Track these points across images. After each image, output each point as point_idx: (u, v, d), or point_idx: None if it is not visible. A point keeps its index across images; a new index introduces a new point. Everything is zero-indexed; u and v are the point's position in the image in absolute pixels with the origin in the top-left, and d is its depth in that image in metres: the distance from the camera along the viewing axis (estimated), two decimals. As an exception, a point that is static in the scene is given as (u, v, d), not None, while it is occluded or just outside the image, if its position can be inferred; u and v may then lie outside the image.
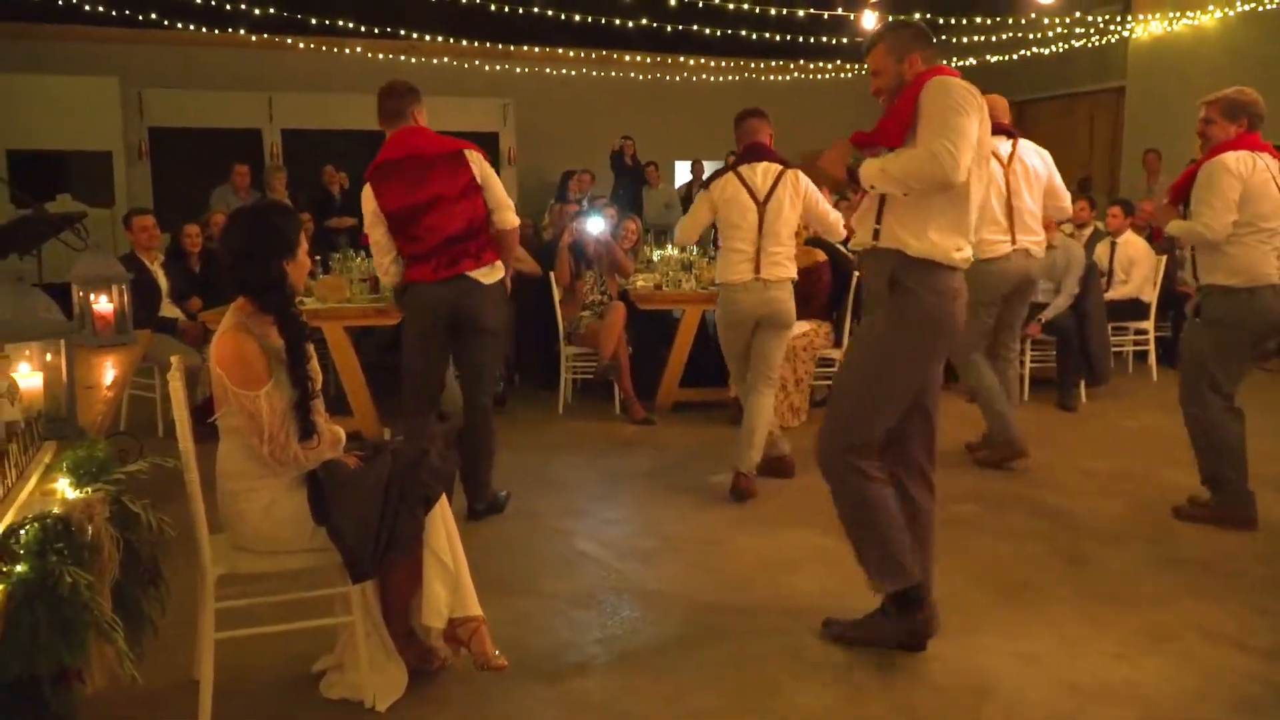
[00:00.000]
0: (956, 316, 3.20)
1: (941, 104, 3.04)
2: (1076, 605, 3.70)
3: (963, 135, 2.98)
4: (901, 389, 3.23)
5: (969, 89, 3.09)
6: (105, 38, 11.16)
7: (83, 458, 2.24)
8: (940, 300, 3.14)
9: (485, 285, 4.44)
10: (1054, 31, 12.20)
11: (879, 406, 3.23)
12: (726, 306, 4.99)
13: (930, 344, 3.21)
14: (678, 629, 3.51)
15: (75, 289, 4.24)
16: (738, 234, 4.86)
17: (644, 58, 12.90)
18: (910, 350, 3.19)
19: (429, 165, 4.35)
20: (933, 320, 3.16)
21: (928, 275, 3.13)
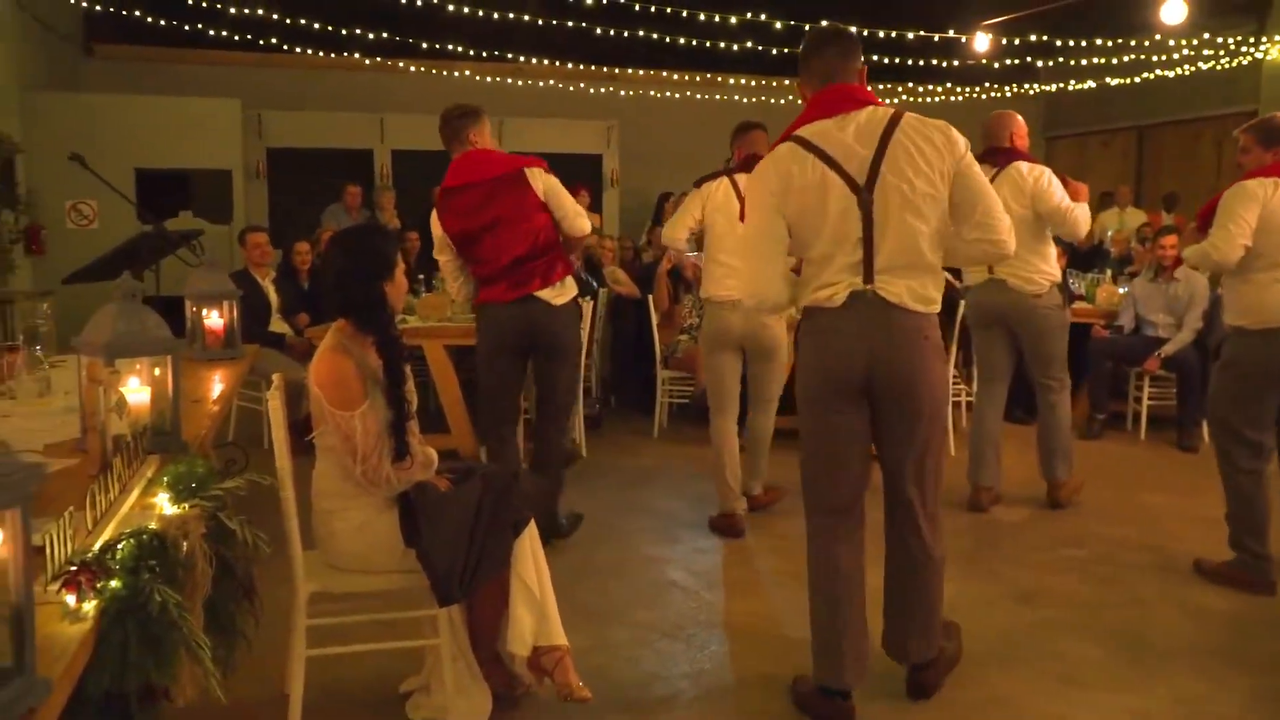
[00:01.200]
0: (827, 356, 2.92)
1: (748, 200, 3.04)
2: (1193, 661, 3.48)
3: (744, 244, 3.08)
4: (815, 432, 3.01)
5: (765, 172, 2.94)
6: (229, 61, 11.64)
7: (182, 473, 2.27)
8: (812, 340, 2.97)
9: (556, 307, 4.35)
10: (1180, 54, 11.73)
11: (811, 458, 3.06)
12: (710, 322, 4.72)
13: (811, 387, 2.99)
14: (767, 667, 3.42)
15: (188, 304, 4.37)
16: (723, 245, 4.60)
17: (749, 80, 12.85)
18: (804, 396, 3.02)
19: (489, 188, 4.28)
20: (805, 361, 3.00)
21: (804, 319, 3.01)
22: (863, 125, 2.86)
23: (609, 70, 12.53)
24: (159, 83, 11.35)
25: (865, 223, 2.83)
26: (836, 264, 2.87)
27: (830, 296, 2.88)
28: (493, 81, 12.25)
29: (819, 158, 2.85)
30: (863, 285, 2.85)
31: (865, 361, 2.88)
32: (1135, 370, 6.88)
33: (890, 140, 2.82)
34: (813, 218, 2.87)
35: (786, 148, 2.92)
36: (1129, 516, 5.11)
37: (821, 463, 3.03)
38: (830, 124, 2.88)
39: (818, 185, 2.85)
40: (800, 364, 3.03)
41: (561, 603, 2.95)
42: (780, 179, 2.89)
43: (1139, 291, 6.95)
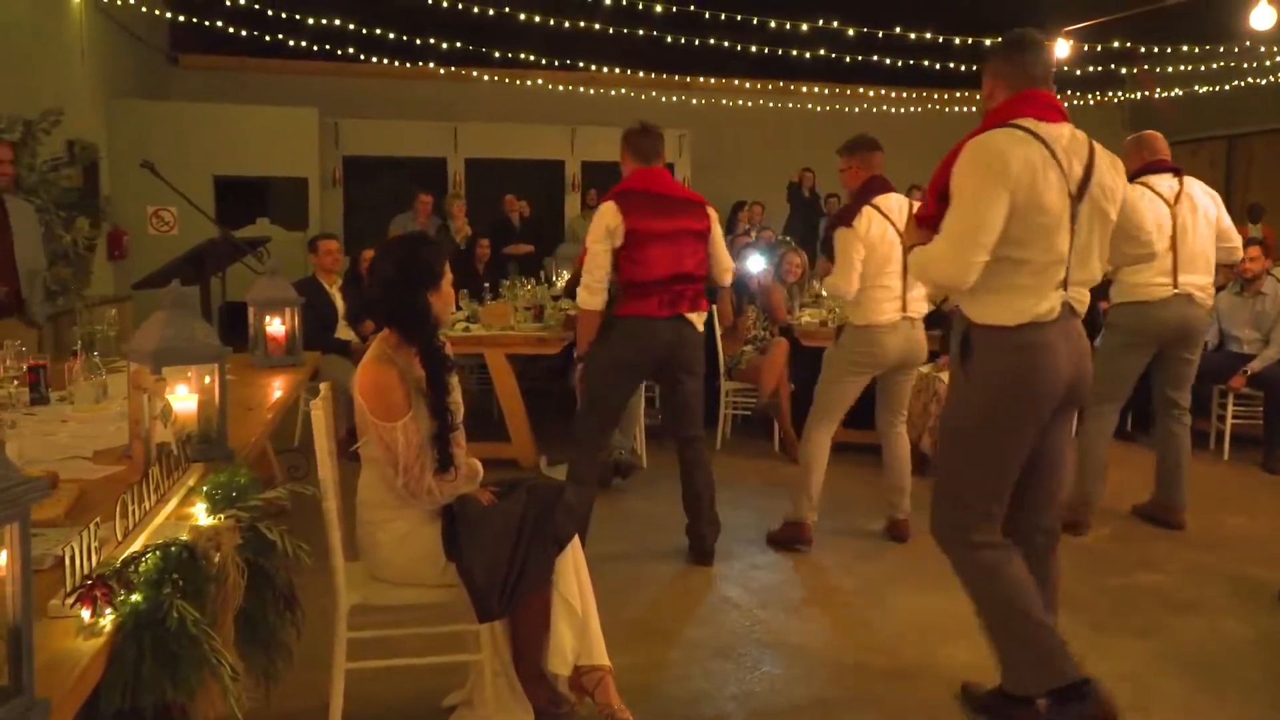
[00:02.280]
0: (1040, 373, 2.82)
1: (966, 185, 2.79)
2: (1273, 697, 3.28)
3: (979, 230, 2.74)
4: (1002, 456, 2.90)
5: (1003, 151, 2.75)
6: (307, 70, 11.88)
7: (222, 482, 2.27)
8: (1017, 358, 2.81)
9: (699, 330, 4.54)
10: (1271, 60, 11.26)
11: (983, 476, 2.93)
12: (867, 348, 4.63)
13: (1012, 407, 2.85)
14: (819, 690, 3.31)
15: (251, 311, 4.42)
16: (885, 271, 4.58)
17: (822, 88, 12.69)
18: (991, 415, 2.86)
19: (680, 204, 4.48)
20: (1009, 382, 2.83)
21: (997, 335, 2.83)
22: (1069, 138, 2.85)
23: (680, 79, 12.49)
24: (240, 92, 11.64)
25: (1071, 232, 2.81)
26: (1049, 274, 2.81)
27: (1048, 310, 2.80)
28: (564, 90, 12.31)
29: (1048, 152, 2.78)
30: (1064, 297, 2.84)
31: (1070, 377, 2.86)
32: (1219, 387, 6.59)
33: (1094, 157, 2.86)
34: (1033, 214, 2.77)
35: (1015, 134, 2.79)
36: (1210, 541, 4.87)
37: (999, 484, 2.93)
38: (1048, 125, 2.83)
39: (1043, 180, 2.76)
40: (991, 382, 2.86)
41: (611, 618, 2.90)
42: (1019, 164, 2.75)
43: (1224, 306, 6.66)
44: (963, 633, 3.75)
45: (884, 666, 3.47)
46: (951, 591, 4.15)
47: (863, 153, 4.69)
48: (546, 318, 6.66)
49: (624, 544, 4.65)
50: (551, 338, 6.18)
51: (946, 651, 3.61)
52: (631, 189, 4.45)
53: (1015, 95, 2.88)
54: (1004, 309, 2.81)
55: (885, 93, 13.17)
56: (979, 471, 2.92)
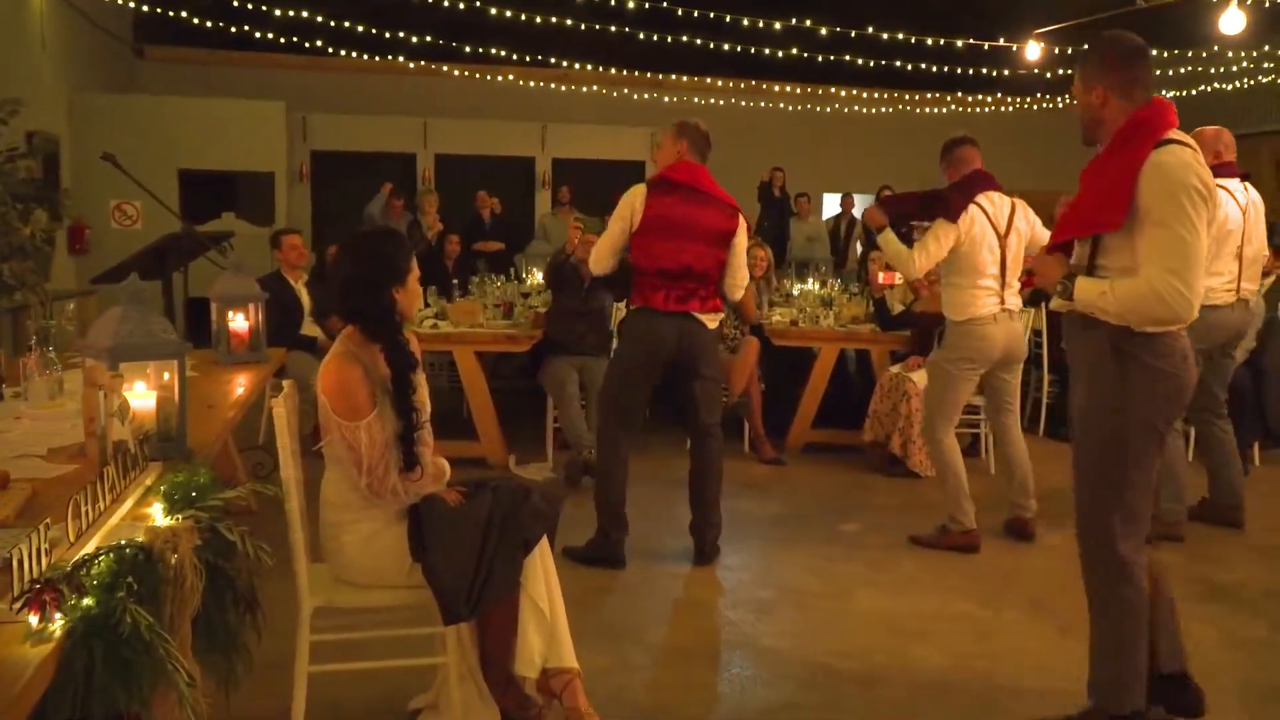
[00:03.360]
0: (1187, 377, 2.83)
1: (1167, 206, 2.67)
2: (1243, 699, 3.30)
3: (1195, 260, 2.65)
4: (1148, 459, 2.86)
5: (1195, 167, 2.69)
6: (274, 64, 11.72)
7: (180, 482, 2.20)
8: (1169, 363, 2.79)
9: (709, 329, 4.50)
10: (1238, 66, 11.40)
11: (1133, 484, 2.86)
12: (973, 341, 4.67)
13: (1168, 411, 2.85)
14: (789, 693, 3.28)
15: (214, 306, 4.34)
16: (986, 267, 4.65)
17: (794, 88, 12.70)
18: (1151, 417, 2.83)
19: (709, 201, 4.47)
20: (1171, 387, 2.81)
21: (1152, 341, 2.78)
22: None
23: (653, 76, 12.45)
24: (205, 85, 11.47)
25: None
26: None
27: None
28: (536, 86, 12.23)
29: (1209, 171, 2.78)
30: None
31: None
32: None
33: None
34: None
35: (1195, 155, 2.76)
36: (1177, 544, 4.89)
37: (1148, 488, 2.89)
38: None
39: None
40: (1149, 382, 2.80)
41: (582, 620, 2.86)
42: (1210, 190, 2.74)
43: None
44: (932, 634, 3.76)
45: (854, 669, 3.45)
46: (921, 593, 4.17)
47: (954, 151, 4.79)
48: (516, 315, 6.61)
49: (593, 544, 4.60)
50: (521, 335, 6.12)
51: (916, 653, 3.59)
52: (668, 178, 4.47)
53: (1152, 104, 2.84)
54: None
55: (857, 93, 13.20)
56: (1144, 480, 2.87)
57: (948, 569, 4.43)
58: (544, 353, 5.90)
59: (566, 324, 5.84)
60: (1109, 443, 2.87)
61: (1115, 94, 2.84)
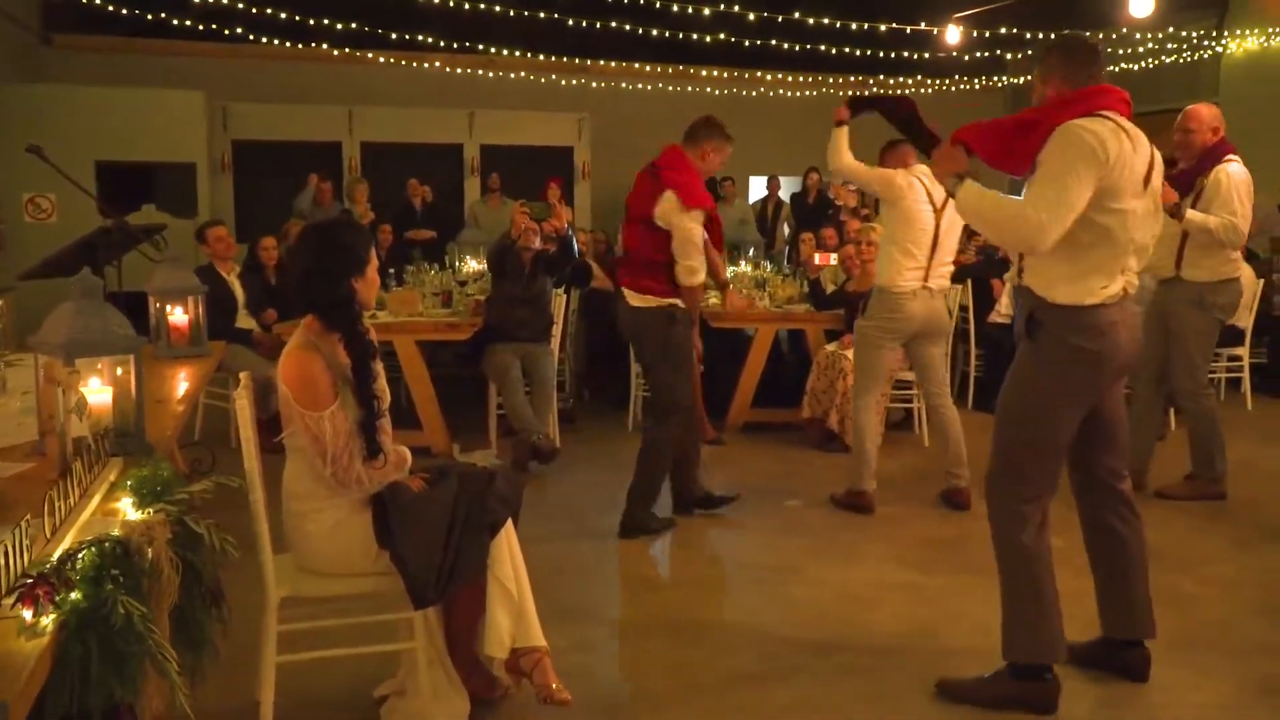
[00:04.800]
0: (1107, 351, 2.94)
1: (1058, 162, 2.85)
2: (1176, 651, 3.47)
3: (1064, 206, 2.82)
4: (1061, 431, 3.02)
5: (1097, 141, 2.82)
6: (193, 52, 11.42)
7: (146, 477, 2.20)
8: (1086, 338, 2.92)
9: (631, 306, 4.58)
10: (1144, 47, 11.80)
11: (1040, 452, 3.04)
12: (890, 312, 4.86)
13: (1081, 381, 2.98)
14: (749, 664, 3.38)
15: (151, 300, 4.26)
16: (919, 239, 4.82)
17: (721, 73, 12.79)
18: (1063, 390, 2.98)
19: (644, 178, 4.63)
20: (1079, 359, 2.94)
21: (1068, 316, 2.93)
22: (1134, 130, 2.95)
23: (580, 62, 12.42)
24: (120, 73, 11.12)
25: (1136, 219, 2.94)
26: (1121, 260, 2.93)
27: (1116, 293, 2.93)
28: (464, 73, 12.12)
29: (1130, 143, 2.89)
30: (1125, 280, 2.97)
31: (1130, 351, 3.01)
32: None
33: (1153, 152, 3.00)
34: (1116, 200, 2.88)
35: (1106, 124, 2.86)
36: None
37: (1056, 455, 3.07)
38: (1125, 120, 2.93)
39: (1129, 170, 2.88)
40: (1059, 355, 2.95)
41: (539, 601, 2.90)
42: (1114, 153, 2.83)
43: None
44: (881, 601, 3.89)
45: (809, 638, 3.56)
46: (866, 563, 4.30)
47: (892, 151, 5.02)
48: (455, 303, 6.60)
49: (545, 527, 4.64)
50: (462, 323, 6.11)
51: (867, 619, 3.72)
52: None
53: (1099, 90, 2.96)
54: (1081, 290, 2.90)
55: (783, 77, 13.33)
56: (1047, 444, 3.03)
57: (891, 539, 4.57)
58: (485, 340, 5.90)
59: (508, 310, 5.84)
60: (1019, 409, 3.05)
61: (1069, 90, 2.98)
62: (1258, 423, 6.69)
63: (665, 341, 4.56)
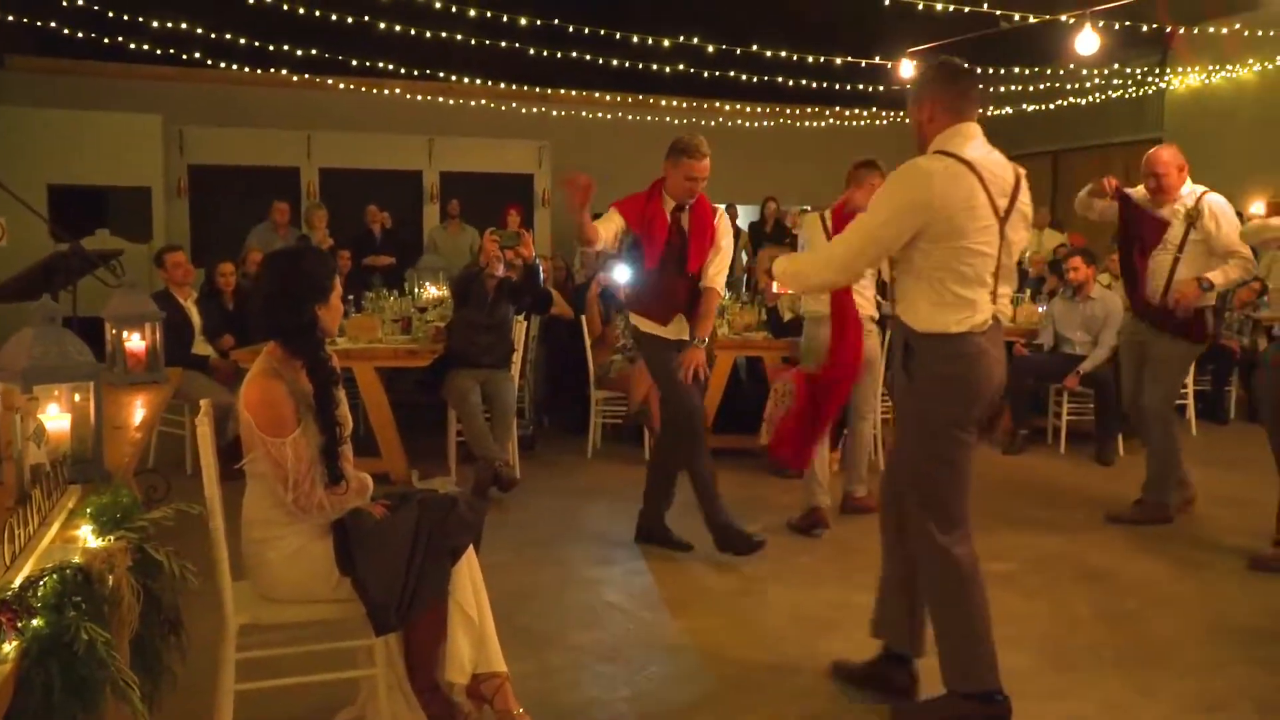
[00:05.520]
0: (974, 378, 3.02)
1: (878, 198, 3.08)
2: (1122, 670, 3.57)
3: (855, 245, 3.07)
4: (959, 456, 3.09)
5: (911, 182, 2.97)
6: (150, 75, 11.37)
7: (106, 504, 2.20)
8: (954, 365, 3.00)
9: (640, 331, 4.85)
10: (1091, 82, 12.13)
11: (948, 480, 3.10)
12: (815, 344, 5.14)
13: (957, 407, 3.05)
14: (708, 687, 3.41)
15: (108, 326, 4.23)
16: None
17: (680, 102, 12.94)
18: (941, 419, 3.06)
19: None
20: (950, 386, 3.03)
21: (936, 344, 3.02)
22: (998, 161, 3.05)
23: (541, 90, 12.52)
24: (75, 96, 11.04)
25: (1000, 251, 3.01)
26: (985, 290, 2.99)
27: (982, 322, 2.99)
28: (424, 100, 12.16)
29: (978, 179, 2.96)
30: (995, 308, 3.03)
31: (1000, 377, 3.08)
32: (1055, 387, 7.06)
33: (1019, 182, 3.07)
34: (960, 236, 2.96)
35: (943, 162, 2.98)
36: (1052, 529, 5.22)
37: (965, 481, 3.14)
38: (977, 154, 3.00)
39: (970, 205, 2.95)
40: (930, 382, 3.06)
41: (500, 627, 2.91)
42: (940, 191, 2.95)
43: (1057, 311, 7.14)
44: (838, 623, 3.94)
45: (768, 661, 3.60)
46: (824, 586, 4.36)
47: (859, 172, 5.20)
48: (414, 330, 6.60)
49: (505, 554, 4.66)
50: (421, 350, 6.12)
51: (825, 642, 3.76)
52: None
53: (953, 125, 3.04)
54: (945, 319, 2.99)
55: (741, 107, 13.52)
56: (951, 471, 3.10)
57: (848, 562, 4.62)
58: (445, 366, 5.90)
59: (470, 336, 5.86)
60: (914, 443, 3.13)
61: (940, 111, 3.07)
62: (1201, 449, 6.85)
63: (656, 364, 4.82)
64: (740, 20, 10.50)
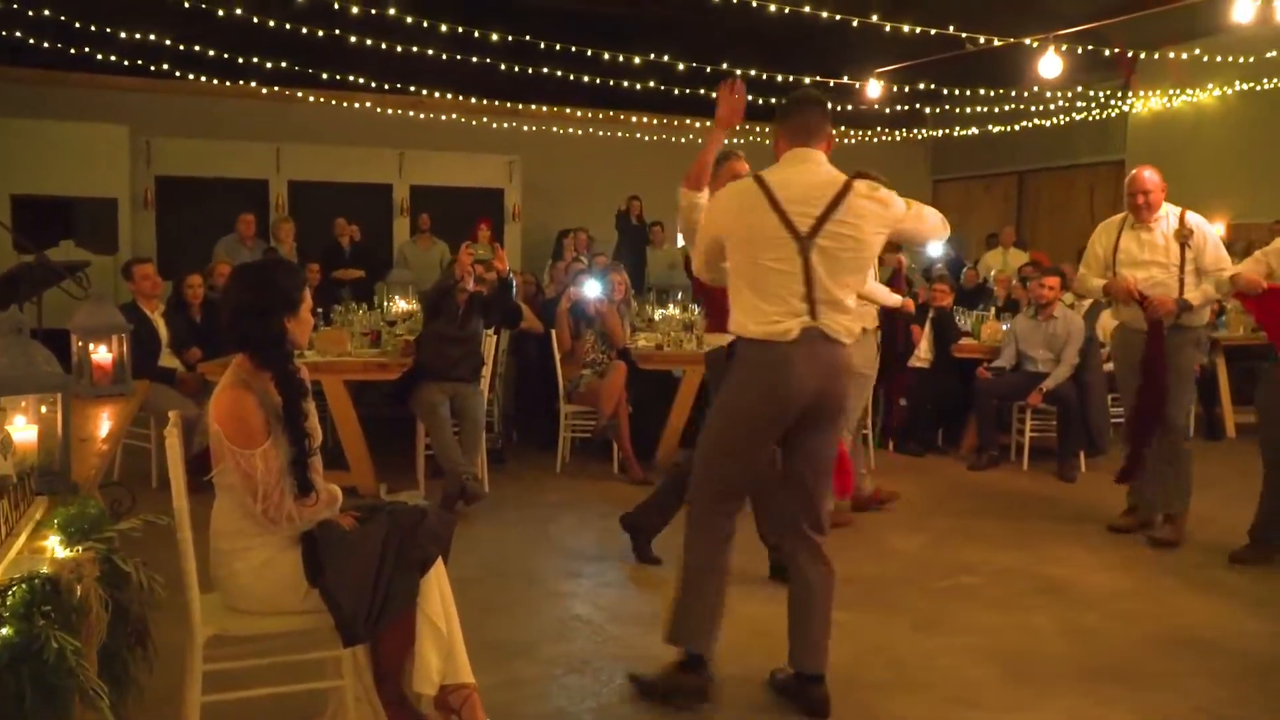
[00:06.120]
0: (774, 384, 3.19)
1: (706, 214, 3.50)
2: (1080, 682, 3.63)
3: (697, 249, 3.51)
4: (746, 448, 3.33)
5: (716, 199, 3.44)
6: (117, 86, 11.28)
7: (74, 515, 2.20)
8: (758, 369, 3.21)
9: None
10: (1055, 105, 12.35)
11: (735, 465, 3.37)
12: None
13: (755, 408, 3.25)
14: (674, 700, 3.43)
15: (74, 338, 4.21)
16: None
17: (651, 119, 13.03)
18: (742, 412, 3.30)
19: None
20: (752, 386, 3.24)
21: (745, 347, 3.26)
22: (809, 185, 3.20)
23: (512, 105, 12.56)
24: (41, 107, 10.94)
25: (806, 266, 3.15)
26: (787, 303, 3.17)
27: (784, 331, 3.15)
28: (394, 114, 12.16)
29: (768, 200, 3.17)
30: (805, 322, 3.15)
31: (809, 390, 3.20)
32: (1018, 404, 7.16)
33: (840, 198, 3.17)
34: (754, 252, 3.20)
35: (743, 185, 3.31)
36: (1016, 544, 5.30)
37: (748, 468, 3.42)
38: (786, 175, 3.23)
39: (761, 224, 3.17)
40: (739, 385, 3.29)
41: (468, 639, 2.92)
42: (735, 210, 3.29)
43: (1020, 329, 7.25)
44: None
45: (734, 673, 3.63)
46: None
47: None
48: (384, 343, 6.60)
49: (474, 566, 4.67)
50: (390, 363, 6.12)
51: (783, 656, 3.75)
52: None
53: (789, 150, 3.31)
54: (748, 324, 3.24)
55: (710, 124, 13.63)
56: (738, 458, 3.37)
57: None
58: (414, 379, 5.91)
59: (440, 349, 5.87)
60: (717, 424, 3.37)
61: (782, 138, 3.33)
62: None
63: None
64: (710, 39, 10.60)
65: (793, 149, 3.26)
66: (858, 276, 3.26)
